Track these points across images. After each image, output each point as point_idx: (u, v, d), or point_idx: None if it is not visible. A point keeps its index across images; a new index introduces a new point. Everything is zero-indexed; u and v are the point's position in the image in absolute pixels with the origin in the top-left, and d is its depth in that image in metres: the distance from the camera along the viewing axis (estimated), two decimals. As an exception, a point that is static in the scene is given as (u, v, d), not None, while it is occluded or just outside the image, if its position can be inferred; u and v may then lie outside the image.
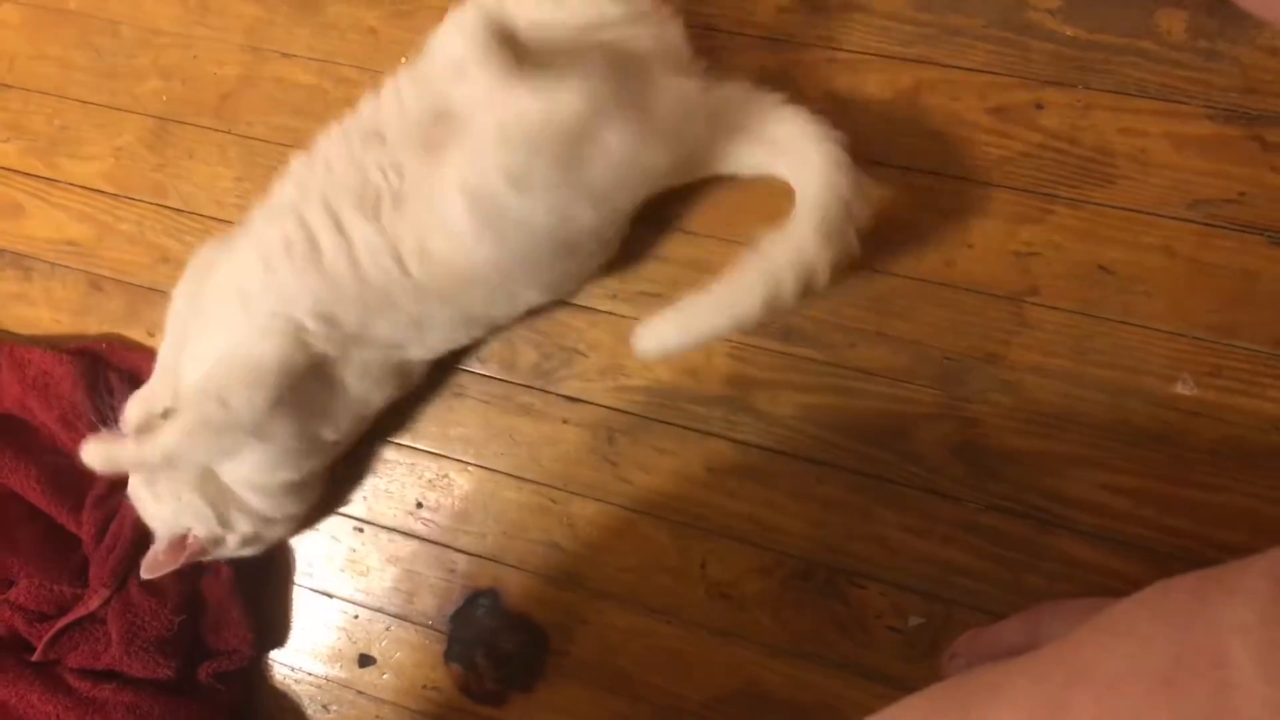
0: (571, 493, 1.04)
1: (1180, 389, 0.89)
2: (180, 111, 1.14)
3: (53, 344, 1.18)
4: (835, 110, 0.95)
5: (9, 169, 1.22)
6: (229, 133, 1.12)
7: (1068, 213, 0.91)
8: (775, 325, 0.98)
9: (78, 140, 1.18)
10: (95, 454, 0.93)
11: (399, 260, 0.89)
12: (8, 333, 1.22)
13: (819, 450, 0.97)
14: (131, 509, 1.05)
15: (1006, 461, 0.93)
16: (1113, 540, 0.91)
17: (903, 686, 0.94)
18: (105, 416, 1.07)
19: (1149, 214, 0.90)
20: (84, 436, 0.99)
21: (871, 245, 0.94)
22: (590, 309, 1.03)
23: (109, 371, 1.14)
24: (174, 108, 1.14)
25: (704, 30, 0.98)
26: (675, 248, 1.01)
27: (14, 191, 1.21)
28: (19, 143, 1.21)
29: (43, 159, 1.20)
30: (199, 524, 0.99)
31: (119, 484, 1.10)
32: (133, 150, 1.16)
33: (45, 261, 1.20)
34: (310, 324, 0.91)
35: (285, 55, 1.01)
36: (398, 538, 1.10)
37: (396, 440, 1.10)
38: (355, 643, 1.10)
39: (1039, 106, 0.91)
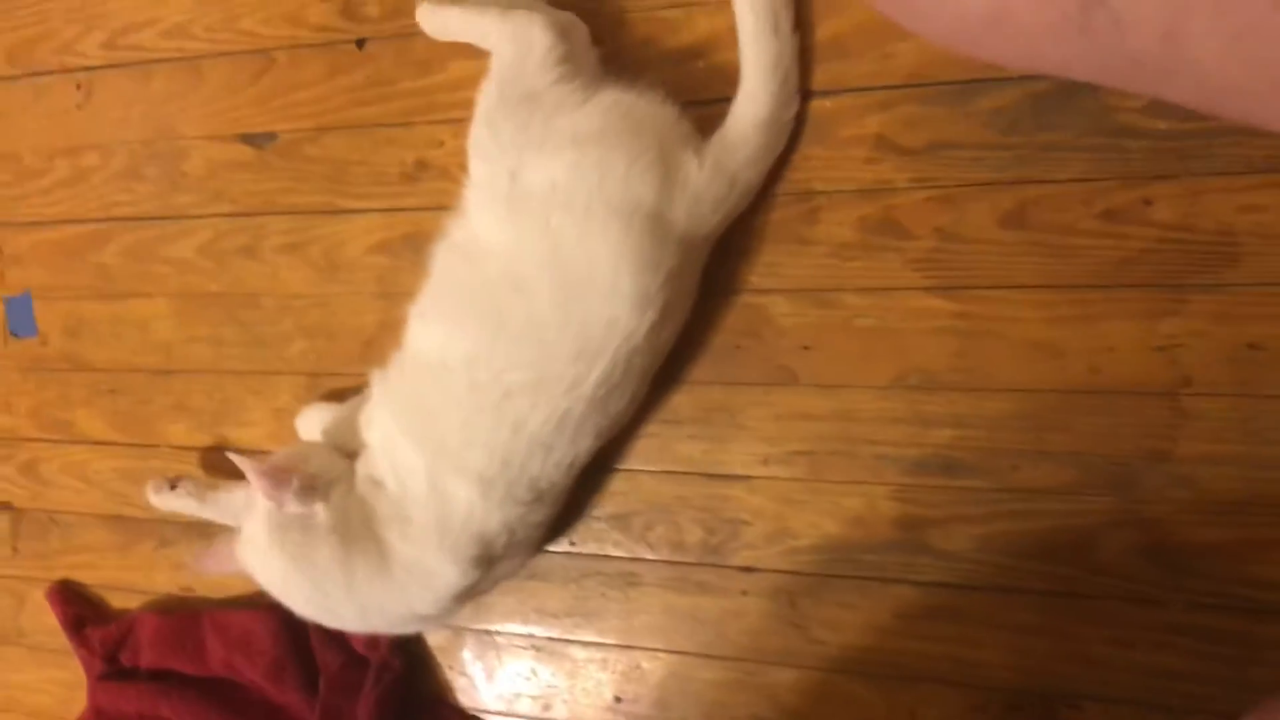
0: (765, 663, 1.05)
1: (1364, 452, 0.87)
2: (328, 365, 1.22)
3: (248, 603, 1.24)
4: (944, 244, 0.97)
5: (180, 447, 1.30)
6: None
7: (1203, 299, 0.91)
8: (935, 461, 0.98)
9: (239, 409, 1.27)
10: None
11: None
12: (204, 599, 1.30)
13: (1005, 578, 0.97)
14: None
15: (1201, 556, 0.91)
16: (1332, 618, 0.88)
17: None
18: (308, 665, 1.13)
19: (1287, 284, 0.89)
20: (290, 688, 1.05)
21: (1013, 364, 0.95)
22: (746, 477, 1.05)
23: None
24: (322, 363, 1.22)
25: (802, 194, 1.02)
26: (816, 403, 1.03)
27: (189, 468, 1.30)
28: (186, 422, 1.30)
29: (209, 432, 1.29)
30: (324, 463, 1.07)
31: (332, 729, 1.15)
32: (291, 409, 1.23)
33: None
34: None
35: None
36: (603, 735, 1.11)
37: (583, 638, 1.12)
38: None
39: (1147, 202, 0.92)
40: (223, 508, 1.19)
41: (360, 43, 1.16)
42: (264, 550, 1.04)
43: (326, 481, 1.05)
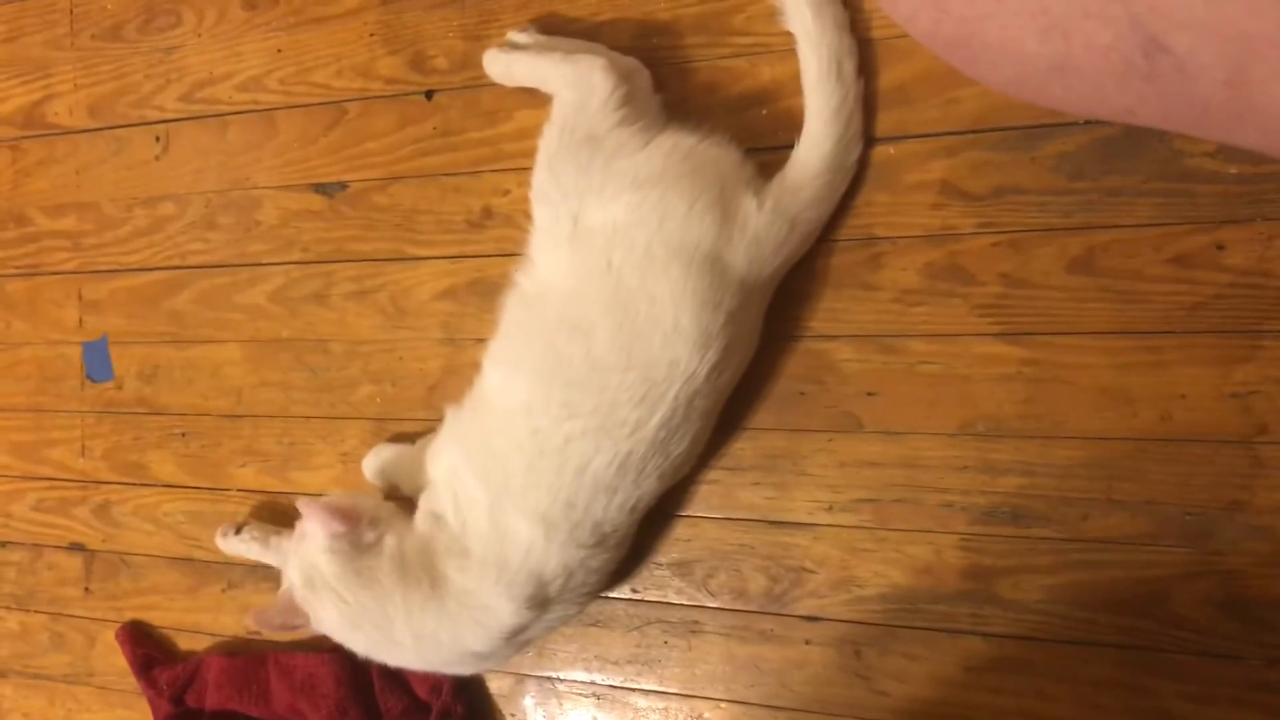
0: (829, 714, 1.03)
1: None
2: (394, 410, 1.23)
3: (312, 646, 1.25)
4: (1011, 290, 0.96)
5: (247, 490, 1.32)
6: (439, 419, 1.20)
7: (1279, 345, 0.89)
8: (1003, 510, 0.97)
9: (306, 453, 1.29)
10: None
11: None
12: (269, 642, 1.31)
13: (1077, 630, 0.95)
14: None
15: (1281, 610, 0.89)
16: None
17: None
18: (371, 709, 1.13)
19: (1368, 330, 0.87)
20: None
21: (1082, 412, 0.94)
22: (810, 524, 1.05)
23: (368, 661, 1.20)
24: (387, 407, 1.24)
25: (865, 240, 1.02)
26: (881, 450, 1.02)
27: (254, 513, 1.32)
28: (255, 465, 1.32)
29: (277, 475, 1.31)
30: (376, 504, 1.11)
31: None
32: (357, 454, 1.25)
33: (293, 569, 1.29)
34: None
35: (480, 341, 1.09)
36: (664, 785, 1.10)
37: (644, 686, 1.11)
38: None
39: (1220, 247, 0.91)
40: (285, 551, 1.21)
41: (429, 94, 1.19)
42: (327, 578, 1.06)
43: (387, 515, 1.09)
